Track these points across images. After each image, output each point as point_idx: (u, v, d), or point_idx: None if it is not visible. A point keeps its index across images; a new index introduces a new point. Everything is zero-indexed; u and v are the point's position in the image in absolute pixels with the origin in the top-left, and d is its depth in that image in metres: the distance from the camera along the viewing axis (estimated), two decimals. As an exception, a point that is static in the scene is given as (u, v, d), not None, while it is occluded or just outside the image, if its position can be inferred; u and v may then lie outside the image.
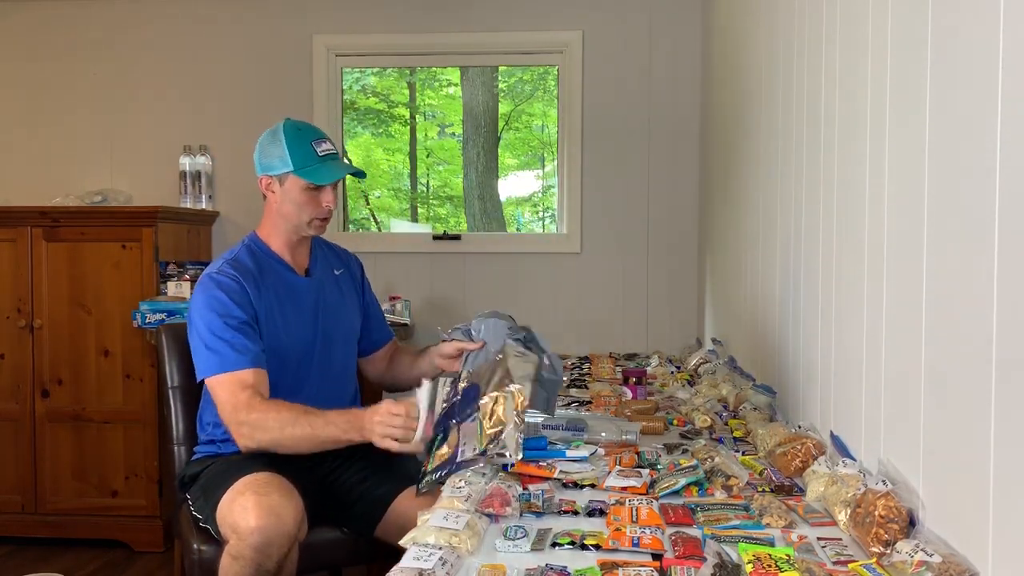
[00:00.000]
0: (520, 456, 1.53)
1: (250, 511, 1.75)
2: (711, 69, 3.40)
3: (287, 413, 1.88)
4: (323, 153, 2.06)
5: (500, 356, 1.83)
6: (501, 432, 1.56)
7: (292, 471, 1.94)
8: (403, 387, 2.22)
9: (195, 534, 1.96)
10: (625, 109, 3.75)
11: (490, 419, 1.60)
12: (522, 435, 1.55)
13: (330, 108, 3.84)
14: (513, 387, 1.63)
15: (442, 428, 1.78)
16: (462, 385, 1.85)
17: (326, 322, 2.14)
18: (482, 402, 1.66)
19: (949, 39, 1.10)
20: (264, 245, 2.12)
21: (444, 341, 2.06)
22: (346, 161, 3.77)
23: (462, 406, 1.76)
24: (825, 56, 1.69)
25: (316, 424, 1.86)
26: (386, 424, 1.80)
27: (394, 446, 1.80)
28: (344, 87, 3.99)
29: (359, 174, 2.20)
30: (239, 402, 1.90)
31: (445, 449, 1.70)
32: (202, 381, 1.99)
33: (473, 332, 2.02)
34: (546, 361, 1.86)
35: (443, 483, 1.56)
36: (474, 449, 1.60)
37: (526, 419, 1.62)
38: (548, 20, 3.77)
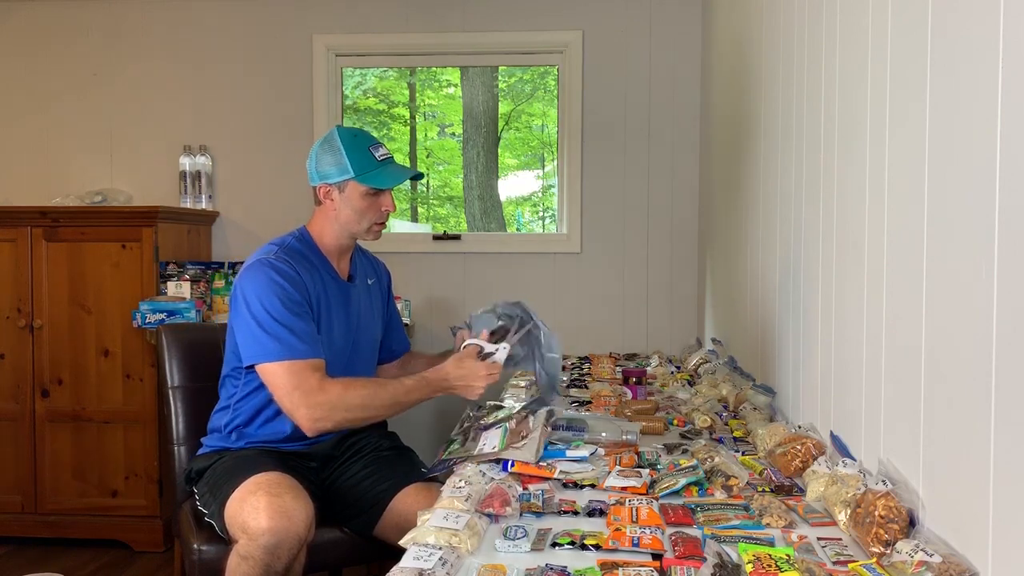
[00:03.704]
0: (538, 459, 1.59)
1: (262, 512, 1.75)
2: (711, 69, 3.40)
3: (365, 388, 1.94)
4: (381, 158, 2.06)
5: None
6: (525, 437, 1.65)
7: (297, 471, 1.95)
8: None
9: (196, 533, 1.96)
10: (625, 109, 3.75)
11: (517, 432, 1.69)
12: (544, 448, 1.65)
13: (330, 108, 3.84)
14: (546, 409, 1.78)
15: (460, 434, 1.90)
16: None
17: (357, 331, 2.14)
18: (512, 414, 1.78)
19: (949, 39, 1.10)
20: (314, 243, 2.11)
21: (456, 329, 2.14)
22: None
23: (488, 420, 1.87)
24: (825, 56, 1.69)
25: (398, 392, 1.95)
26: (470, 381, 1.96)
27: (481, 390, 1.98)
28: (346, 92, 3.99)
29: (418, 176, 2.16)
30: (311, 386, 1.88)
31: (465, 446, 1.78)
32: (251, 367, 1.95)
33: (471, 323, 2.10)
34: (543, 339, 1.95)
35: (449, 470, 1.65)
36: (494, 447, 1.63)
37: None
38: (548, 20, 3.77)
